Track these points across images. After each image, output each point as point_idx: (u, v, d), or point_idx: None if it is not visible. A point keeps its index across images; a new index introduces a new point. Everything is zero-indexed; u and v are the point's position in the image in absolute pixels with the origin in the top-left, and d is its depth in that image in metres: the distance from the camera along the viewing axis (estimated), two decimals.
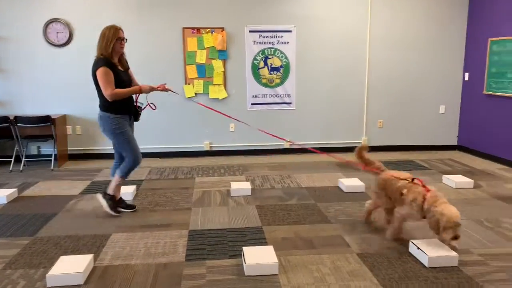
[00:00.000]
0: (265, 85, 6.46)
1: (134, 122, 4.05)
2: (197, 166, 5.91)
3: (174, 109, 6.39)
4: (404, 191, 3.20)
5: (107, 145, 6.36)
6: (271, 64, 6.41)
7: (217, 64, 6.30)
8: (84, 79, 6.14)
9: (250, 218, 3.88)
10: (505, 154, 5.91)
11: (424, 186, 3.17)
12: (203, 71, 6.29)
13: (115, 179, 3.94)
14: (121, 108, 3.79)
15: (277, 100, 6.52)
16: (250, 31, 6.29)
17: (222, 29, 6.22)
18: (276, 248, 3.22)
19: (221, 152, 6.59)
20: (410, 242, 3.18)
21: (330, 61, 6.54)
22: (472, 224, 3.71)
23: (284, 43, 6.38)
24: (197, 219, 3.87)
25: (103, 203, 3.94)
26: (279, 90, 6.50)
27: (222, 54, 6.28)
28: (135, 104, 3.96)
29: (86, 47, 6.03)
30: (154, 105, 4.21)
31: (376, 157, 6.41)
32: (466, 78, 6.71)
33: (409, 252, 3.16)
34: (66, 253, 3.19)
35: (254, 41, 6.32)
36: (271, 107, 6.54)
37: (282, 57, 6.41)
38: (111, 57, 3.69)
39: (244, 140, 6.60)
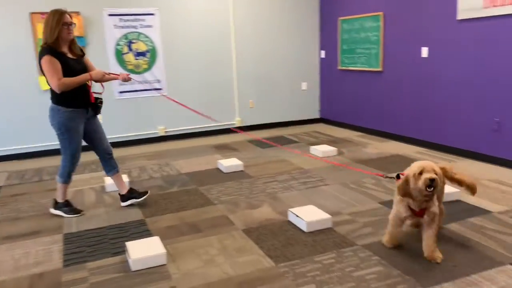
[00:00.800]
0: (132, 71, 6.17)
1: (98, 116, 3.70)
2: None
3: (27, 104, 5.74)
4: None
5: None
6: (136, 49, 6.14)
7: None
8: None
9: (130, 212, 3.72)
10: (360, 122, 6.61)
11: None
12: None
13: (59, 187, 3.68)
14: (74, 101, 3.42)
15: (147, 86, 6.30)
16: (109, 15, 5.92)
17: (77, 13, 5.72)
18: (162, 238, 3.14)
19: (90, 146, 6.15)
20: (288, 211, 3.38)
21: (197, 44, 6.51)
22: (339, 187, 4.09)
23: (148, 26, 6.15)
24: (72, 220, 3.58)
25: (61, 213, 3.69)
26: (148, 76, 6.28)
27: (80, 40, 5.79)
28: (92, 94, 3.51)
29: None
30: (102, 86, 3.75)
31: (249, 136, 6.63)
32: (323, 56, 7.29)
33: (289, 221, 3.36)
34: None
35: (114, 25, 5.97)
36: (141, 94, 6.30)
37: (147, 41, 6.18)
38: (57, 45, 3.31)
39: (114, 131, 6.24)
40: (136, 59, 6.17)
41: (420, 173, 2.50)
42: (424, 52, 5.28)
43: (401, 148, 5.50)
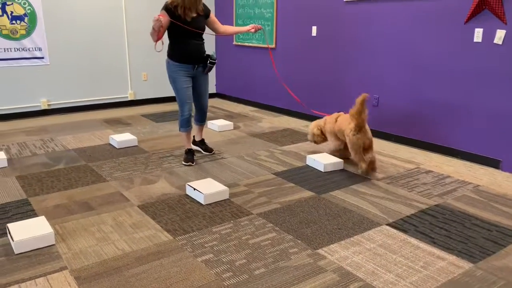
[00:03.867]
0: (7, 37, 5.51)
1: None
2: None
3: None
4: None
5: None
6: (12, 12, 5.48)
7: None
8: None
9: (11, 192, 3.39)
10: (254, 97, 6.77)
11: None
12: None
13: (182, 136, 4.16)
14: (178, 56, 3.90)
15: (26, 54, 5.68)
16: None
17: None
18: (49, 217, 2.94)
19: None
20: (186, 185, 3.38)
21: (84, 10, 6.02)
22: (236, 160, 4.19)
23: None
24: None
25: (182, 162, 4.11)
26: (27, 42, 5.66)
27: None
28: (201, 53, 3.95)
29: None
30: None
31: (143, 110, 6.45)
32: None
33: (187, 195, 3.36)
34: None
35: None
36: (19, 63, 5.67)
37: (24, 4, 5.54)
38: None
39: None
40: (12, 24, 5.51)
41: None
42: (314, 31, 5.55)
43: (292, 122, 5.78)
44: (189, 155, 4.10)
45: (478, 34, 3.94)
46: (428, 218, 3.00)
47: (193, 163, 4.06)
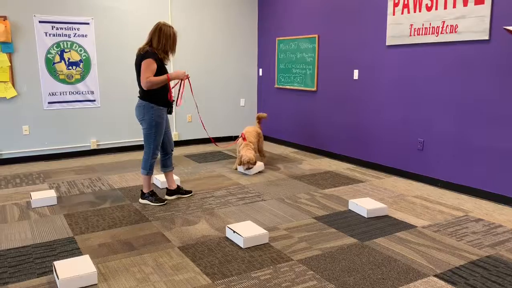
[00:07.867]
0: (64, 81, 5.90)
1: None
2: None
3: None
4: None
5: None
6: (69, 59, 5.88)
7: (1, 58, 5.45)
8: None
9: (58, 230, 3.52)
10: (295, 139, 6.79)
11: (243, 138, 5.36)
12: None
13: (144, 179, 4.09)
14: (162, 99, 3.96)
15: (79, 97, 6.04)
16: (41, 22, 5.63)
17: (5, 18, 5.39)
18: (92, 256, 3.01)
19: (15, 159, 5.77)
20: (226, 227, 3.38)
21: (133, 56, 6.36)
22: (275, 202, 4.16)
23: (82, 36, 5.93)
24: None
25: (148, 202, 4.11)
26: (80, 86, 6.02)
27: (7, 46, 5.46)
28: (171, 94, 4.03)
29: None
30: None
31: (186, 150, 6.60)
32: (260, 74, 7.44)
33: (226, 237, 3.35)
34: None
35: (46, 33, 5.69)
36: (73, 105, 6.02)
37: (81, 50, 5.95)
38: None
39: (42, 144, 5.91)
40: (68, 69, 5.90)
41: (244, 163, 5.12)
42: (356, 74, 5.58)
43: (333, 164, 5.72)
44: (158, 195, 4.18)
45: None
46: (479, 270, 2.83)
47: (166, 200, 4.19)
